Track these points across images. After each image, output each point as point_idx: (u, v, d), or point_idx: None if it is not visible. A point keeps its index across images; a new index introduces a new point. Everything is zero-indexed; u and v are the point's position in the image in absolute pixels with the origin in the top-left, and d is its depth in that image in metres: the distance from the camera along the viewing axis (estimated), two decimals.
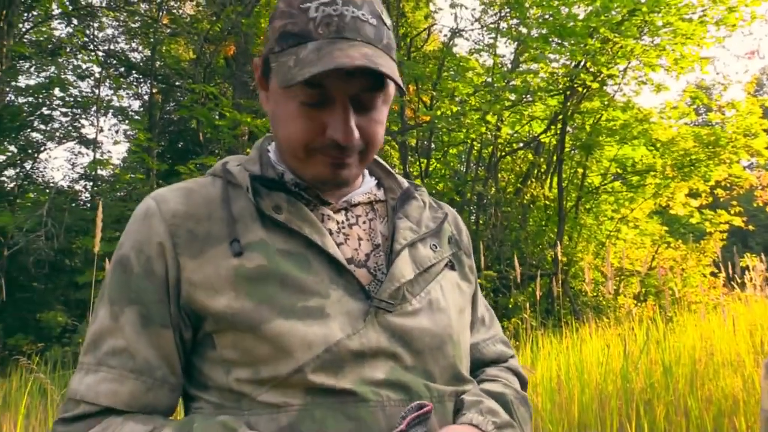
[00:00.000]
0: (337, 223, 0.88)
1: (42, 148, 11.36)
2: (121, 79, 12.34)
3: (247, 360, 0.78)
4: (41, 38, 11.20)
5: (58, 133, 11.24)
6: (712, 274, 9.75)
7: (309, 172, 0.84)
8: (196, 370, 0.83)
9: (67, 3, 10.56)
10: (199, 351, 0.83)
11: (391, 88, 0.85)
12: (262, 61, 0.87)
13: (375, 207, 0.93)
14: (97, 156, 11.85)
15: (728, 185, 10.36)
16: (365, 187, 0.94)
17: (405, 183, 0.99)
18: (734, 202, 10.36)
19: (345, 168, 0.83)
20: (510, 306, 7.86)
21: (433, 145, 10.59)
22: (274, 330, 0.76)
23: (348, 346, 0.77)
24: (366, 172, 0.98)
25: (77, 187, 12.32)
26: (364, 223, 0.90)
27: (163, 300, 0.81)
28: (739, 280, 6.59)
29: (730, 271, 6.49)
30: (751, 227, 11.07)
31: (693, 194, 10.46)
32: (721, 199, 11.39)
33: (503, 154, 10.39)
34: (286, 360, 0.76)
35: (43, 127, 11.12)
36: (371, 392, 0.77)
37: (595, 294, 9.22)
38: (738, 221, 9.84)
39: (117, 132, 14.55)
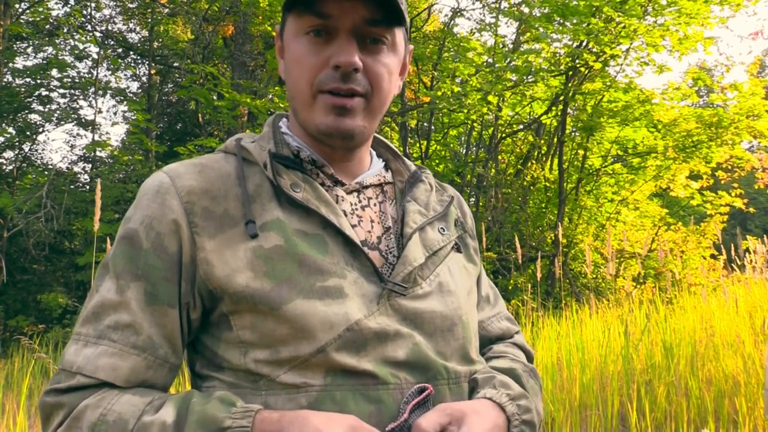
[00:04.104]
0: (351, 204, 0.88)
1: (40, 130, 11.28)
2: (119, 60, 12.24)
3: (266, 341, 0.77)
4: (38, 18, 11.08)
5: (56, 115, 11.16)
6: (712, 256, 9.75)
7: (315, 120, 0.84)
8: (210, 351, 0.82)
9: None
10: (213, 332, 0.82)
11: (398, 37, 0.86)
12: (281, 24, 0.90)
13: (384, 189, 0.94)
14: (96, 138, 11.79)
15: (729, 167, 10.31)
16: (374, 169, 0.95)
17: (412, 166, 1.00)
18: (735, 185, 10.33)
19: (348, 114, 0.82)
20: (510, 288, 7.87)
21: (433, 127, 10.53)
22: (294, 310, 0.76)
23: (368, 325, 0.78)
24: (374, 153, 0.99)
25: (76, 168, 12.28)
26: (375, 205, 0.91)
27: (171, 278, 0.80)
28: (739, 262, 6.59)
29: (732, 253, 6.49)
30: (751, 209, 11.06)
31: (694, 176, 10.43)
32: (722, 182, 11.36)
33: (504, 135, 10.34)
34: (307, 340, 0.76)
35: (41, 108, 11.04)
36: (390, 375, 0.78)
37: (594, 276, 9.23)
38: (739, 203, 9.82)
39: (116, 113, 14.49)
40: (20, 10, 10.74)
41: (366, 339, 0.77)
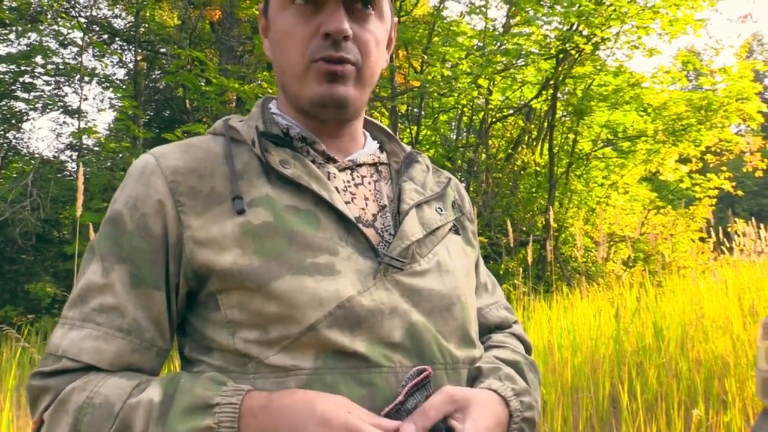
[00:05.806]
0: (343, 181, 0.87)
1: (25, 118, 11.14)
2: (105, 46, 12.07)
3: (255, 320, 0.75)
4: (21, 3, 10.88)
5: (41, 102, 11.01)
6: (701, 239, 9.82)
7: (307, 90, 0.83)
8: (198, 333, 0.81)
9: None
10: (201, 312, 0.81)
11: (385, 6, 0.86)
12: (264, 1, 0.89)
13: (379, 169, 0.93)
14: (82, 125, 11.65)
15: (718, 150, 10.35)
16: (368, 148, 0.94)
17: (407, 147, 0.99)
18: (724, 168, 10.37)
19: (340, 81, 0.81)
20: (501, 272, 7.89)
21: (423, 112, 10.49)
22: (282, 287, 0.74)
23: (361, 302, 0.76)
24: (368, 135, 0.98)
25: (62, 157, 12.15)
26: (369, 183, 0.90)
27: (156, 260, 0.79)
28: (728, 245, 6.64)
29: (721, 236, 6.53)
30: (740, 193, 11.12)
31: (683, 160, 10.47)
32: (711, 165, 11.41)
33: (494, 120, 10.31)
34: (296, 318, 0.74)
35: (25, 96, 10.88)
36: (384, 357, 0.75)
37: (585, 259, 9.27)
38: (727, 185, 9.87)
39: (102, 101, 14.34)
40: None
41: (359, 317, 0.75)
